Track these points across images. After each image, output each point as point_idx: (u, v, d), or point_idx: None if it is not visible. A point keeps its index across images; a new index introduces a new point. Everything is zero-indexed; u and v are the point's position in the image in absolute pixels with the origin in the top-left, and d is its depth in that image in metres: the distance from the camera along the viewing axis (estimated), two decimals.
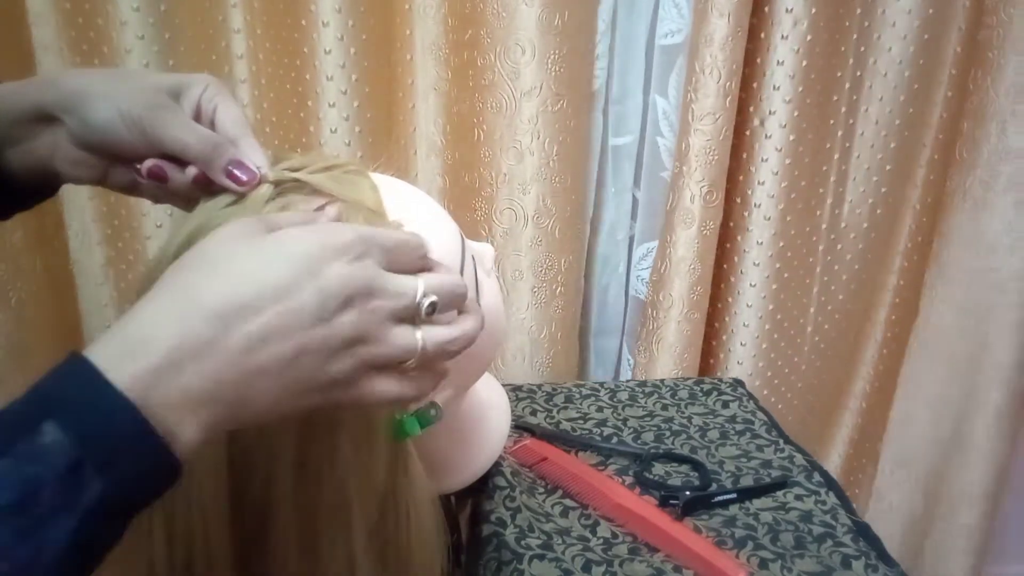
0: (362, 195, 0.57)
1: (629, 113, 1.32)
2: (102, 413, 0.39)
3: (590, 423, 0.99)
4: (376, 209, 0.57)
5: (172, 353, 0.41)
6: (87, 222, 1.20)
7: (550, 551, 0.76)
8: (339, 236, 0.47)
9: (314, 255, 0.45)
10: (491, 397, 0.84)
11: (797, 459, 0.92)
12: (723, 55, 1.17)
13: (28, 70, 1.10)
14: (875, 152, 1.31)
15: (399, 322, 0.48)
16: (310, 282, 0.44)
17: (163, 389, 0.41)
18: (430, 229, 0.59)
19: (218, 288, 0.43)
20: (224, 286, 0.44)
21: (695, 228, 1.27)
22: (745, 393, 1.07)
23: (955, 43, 1.28)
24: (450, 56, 1.19)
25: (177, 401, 0.41)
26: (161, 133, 0.55)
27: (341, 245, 0.46)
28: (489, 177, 1.25)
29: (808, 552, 0.77)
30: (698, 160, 1.24)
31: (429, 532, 0.62)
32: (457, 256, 0.64)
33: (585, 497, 0.85)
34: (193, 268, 0.45)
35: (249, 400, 0.44)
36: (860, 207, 1.35)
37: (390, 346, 0.47)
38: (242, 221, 0.48)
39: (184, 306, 0.43)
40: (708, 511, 0.84)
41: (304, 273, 0.45)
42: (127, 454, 0.39)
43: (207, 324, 0.42)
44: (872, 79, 1.28)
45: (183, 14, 1.12)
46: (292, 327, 0.44)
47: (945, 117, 1.33)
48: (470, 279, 0.65)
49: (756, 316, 1.34)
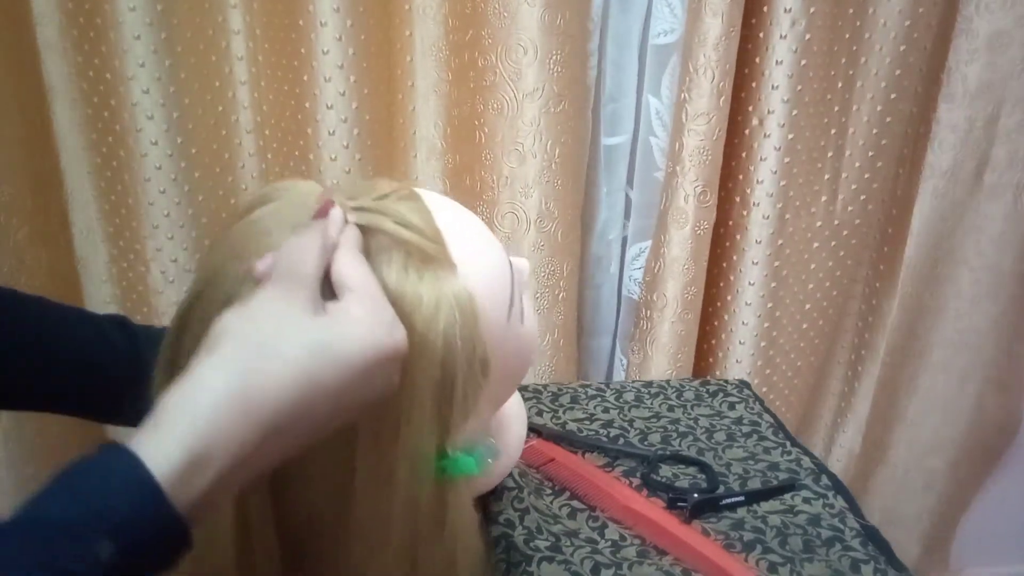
0: (419, 221, 0.56)
1: (622, 113, 1.32)
2: (162, 539, 0.41)
3: (596, 424, 0.99)
4: (433, 236, 0.56)
5: (229, 471, 0.43)
6: (92, 219, 1.19)
7: (559, 553, 0.76)
8: (393, 342, 0.49)
9: (366, 366, 0.47)
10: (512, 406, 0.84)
11: (804, 462, 0.92)
12: (716, 55, 1.18)
13: (32, 70, 1.09)
14: (866, 149, 1.32)
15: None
16: (362, 390, 0.47)
17: (215, 499, 0.43)
18: (482, 255, 0.59)
19: (276, 394, 0.44)
20: (282, 392, 0.44)
21: (689, 228, 1.28)
22: (751, 395, 1.07)
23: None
24: (450, 57, 1.19)
25: (221, 500, 0.44)
26: None
27: (394, 353, 0.49)
28: (491, 180, 1.25)
29: (817, 556, 0.78)
30: (692, 160, 1.24)
31: (475, 555, 0.62)
32: (507, 285, 0.63)
33: (593, 499, 0.85)
34: (247, 353, 0.45)
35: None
36: (852, 204, 1.36)
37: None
38: (288, 290, 0.48)
39: (243, 417, 0.43)
40: (716, 514, 0.84)
41: (359, 380, 0.47)
42: (167, 557, 0.42)
43: (265, 437, 0.44)
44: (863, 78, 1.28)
45: (181, 15, 1.11)
46: (338, 421, 0.48)
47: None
48: (517, 305, 0.65)
49: (755, 315, 1.35)
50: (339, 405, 0.46)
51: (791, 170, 1.27)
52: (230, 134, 1.20)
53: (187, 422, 0.42)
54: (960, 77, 1.27)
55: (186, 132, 1.15)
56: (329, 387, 0.45)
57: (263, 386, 0.44)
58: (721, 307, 1.39)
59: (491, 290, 0.59)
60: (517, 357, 0.67)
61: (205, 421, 0.42)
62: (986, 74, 1.25)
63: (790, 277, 1.35)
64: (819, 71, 1.23)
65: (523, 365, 0.71)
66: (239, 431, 0.43)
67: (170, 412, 0.43)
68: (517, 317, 0.64)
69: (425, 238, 0.55)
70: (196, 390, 0.44)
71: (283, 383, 0.44)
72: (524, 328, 0.67)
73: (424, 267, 0.54)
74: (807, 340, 1.42)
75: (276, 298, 0.48)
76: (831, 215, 1.35)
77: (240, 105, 1.19)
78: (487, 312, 0.58)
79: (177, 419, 0.42)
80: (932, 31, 1.27)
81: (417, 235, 0.55)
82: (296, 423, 0.45)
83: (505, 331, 0.62)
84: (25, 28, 1.08)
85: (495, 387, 0.57)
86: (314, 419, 0.46)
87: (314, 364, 0.45)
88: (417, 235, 0.55)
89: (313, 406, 0.45)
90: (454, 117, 1.22)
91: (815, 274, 1.38)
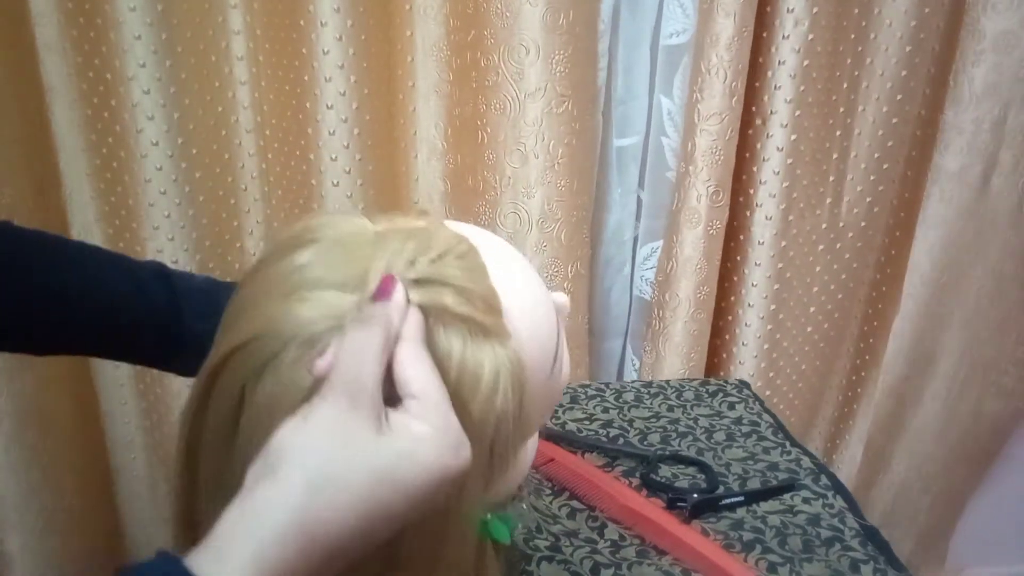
0: (476, 289, 0.53)
1: (634, 114, 1.32)
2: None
3: (596, 424, 0.99)
4: (491, 305, 0.53)
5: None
6: (90, 220, 1.20)
7: (559, 553, 0.76)
8: (459, 464, 0.47)
9: (432, 490, 0.45)
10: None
11: (804, 462, 0.92)
12: (729, 55, 1.17)
13: (31, 70, 1.10)
14: (872, 151, 1.31)
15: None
16: (424, 508, 0.46)
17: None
18: (533, 319, 0.57)
19: (340, 525, 0.43)
20: (346, 522, 0.43)
21: (701, 228, 1.27)
22: (751, 395, 1.06)
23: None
24: (452, 57, 1.19)
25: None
26: None
27: (459, 475, 0.47)
28: (493, 180, 1.24)
29: (816, 556, 0.77)
30: (704, 160, 1.23)
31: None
32: (553, 337, 0.60)
33: (592, 499, 0.85)
34: (311, 481, 0.43)
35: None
36: (857, 206, 1.35)
37: None
38: (350, 406, 0.46)
39: (308, 546, 0.42)
40: (715, 514, 0.83)
41: (422, 503, 0.45)
42: None
43: (325, 563, 0.43)
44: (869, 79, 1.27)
45: (181, 14, 1.11)
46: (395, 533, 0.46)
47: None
48: (561, 354, 0.61)
49: (758, 316, 1.34)
50: (400, 525, 0.46)
51: (794, 171, 1.27)
52: (230, 134, 1.20)
53: (251, 552, 0.41)
54: (967, 79, 1.26)
55: (187, 133, 1.15)
56: (394, 513, 0.45)
57: (328, 520, 0.43)
58: (725, 308, 1.39)
59: (540, 352, 0.57)
60: (551, 399, 0.65)
61: (270, 553, 0.41)
62: (992, 75, 1.24)
63: (794, 279, 1.35)
64: (823, 72, 1.23)
65: (554, 405, 0.70)
66: (302, 563, 0.42)
67: (234, 540, 0.42)
68: (559, 367, 0.61)
69: (485, 311, 0.53)
70: (260, 518, 0.42)
71: (348, 514, 0.43)
72: (563, 374, 0.63)
73: (484, 341, 0.52)
74: (811, 343, 1.41)
75: (338, 415, 0.45)
76: (836, 217, 1.34)
77: (240, 105, 1.19)
78: (534, 374, 0.56)
79: (241, 549, 0.41)
80: (939, 32, 1.26)
81: (478, 310, 0.52)
82: (357, 548, 0.44)
83: (547, 386, 0.60)
84: (24, 28, 1.08)
85: (527, 433, 0.55)
86: (375, 541, 0.45)
87: (380, 491, 0.44)
88: (478, 310, 0.52)
89: (375, 531, 0.44)
90: (455, 117, 1.22)
91: (820, 277, 1.37)
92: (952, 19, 1.26)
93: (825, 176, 1.31)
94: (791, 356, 1.40)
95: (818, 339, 1.42)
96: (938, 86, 1.30)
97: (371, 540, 0.44)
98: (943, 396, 1.48)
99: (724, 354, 1.41)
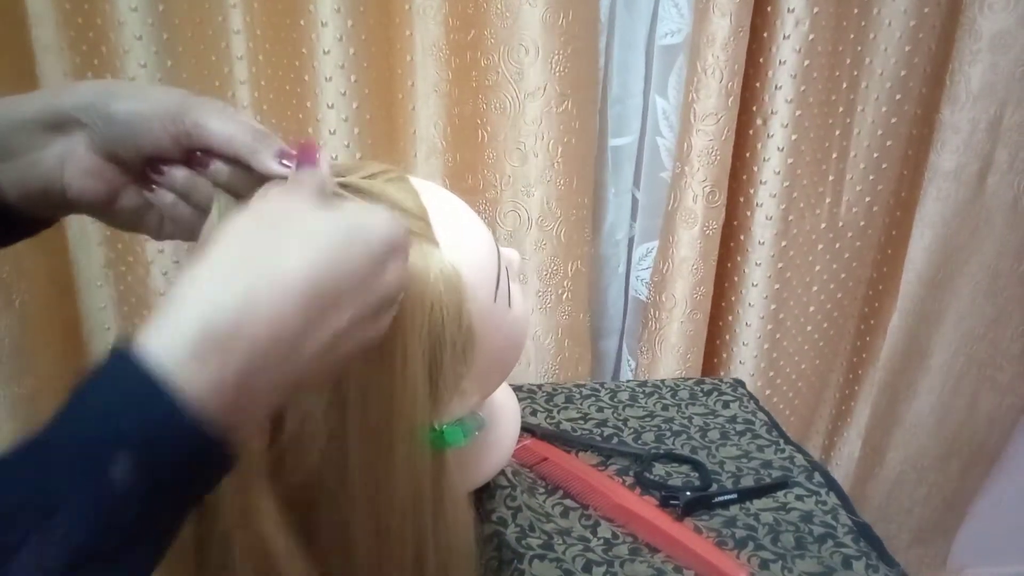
0: (405, 200, 0.57)
1: (629, 113, 1.32)
2: (181, 448, 0.36)
3: (590, 423, 0.99)
4: (419, 214, 0.57)
5: (256, 357, 0.39)
6: (86, 222, 1.20)
7: (551, 551, 0.76)
8: (398, 230, 0.47)
9: (384, 249, 0.45)
10: (504, 399, 0.84)
11: (798, 459, 0.92)
12: (725, 55, 1.17)
13: (28, 70, 1.10)
14: (871, 150, 1.31)
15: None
16: (378, 279, 0.45)
17: (240, 400, 0.38)
18: (467, 235, 0.60)
19: (300, 271, 0.41)
20: (308, 269, 0.41)
21: (697, 228, 1.27)
22: (746, 393, 1.06)
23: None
24: (451, 57, 1.19)
25: (247, 409, 0.40)
26: (202, 122, 0.50)
27: (402, 243, 0.47)
28: (493, 179, 1.25)
29: (809, 552, 0.77)
30: (700, 160, 1.24)
31: (467, 542, 0.62)
32: (493, 267, 0.64)
33: (586, 497, 0.85)
34: (262, 239, 0.42)
35: (300, 388, 0.44)
36: (856, 206, 1.35)
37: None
38: (295, 188, 0.48)
39: (272, 292, 0.39)
40: (708, 511, 0.83)
41: (377, 266, 0.45)
42: (198, 476, 0.38)
43: (296, 317, 0.40)
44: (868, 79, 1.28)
45: (182, 15, 1.12)
46: (362, 327, 0.45)
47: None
48: (503, 288, 0.65)
49: (758, 316, 1.35)
50: (347, 319, 0.43)
51: (795, 171, 1.27)
52: None
53: (196, 313, 0.38)
54: (963, 78, 1.26)
55: None
56: (341, 292, 0.42)
57: (287, 257, 0.41)
58: (725, 307, 1.39)
59: (476, 268, 0.60)
60: (505, 340, 0.68)
61: (211, 287, 0.39)
62: (988, 75, 1.25)
63: (794, 279, 1.35)
64: (823, 72, 1.23)
65: (511, 352, 0.72)
66: (264, 298, 0.39)
67: (173, 308, 0.38)
68: (504, 300, 0.65)
69: (410, 215, 0.56)
70: (203, 272, 0.40)
71: (306, 256, 0.41)
72: (512, 313, 0.67)
73: (415, 240, 0.55)
74: (811, 343, 1.42)
75: (288, 192, 0.47)
76: (835, 217, 1.35)
77: (240, 105, 1.20)
78: (473, 289, 0.59)
79: (188, 294, 0.39)
80: (936, 32, 1.26)
81: (402, 212, 0.56)
82: (326, 318, 0.42)
83: (491, 311, 0.63)
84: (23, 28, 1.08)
85: (482, 369, 0.57)
86: (319, 344, 0.42)
87: (320, 262, 0.42)
88: (402, 212, 0.56)
89: (340, 293, 0.42)
90: (455, 116, 1.22)
91: (819, 276, 1.37)
92: (949, 19, 1.26)
93: (825, 176, 1.31)
94: (791, 355, 1.40)
95: (818, 338, 1.42)
96: (934, 85, 1.30)
97: (315, 339, 0.42)
98: (938, 391, 1.48)
99: (724, 354, 1.41)
